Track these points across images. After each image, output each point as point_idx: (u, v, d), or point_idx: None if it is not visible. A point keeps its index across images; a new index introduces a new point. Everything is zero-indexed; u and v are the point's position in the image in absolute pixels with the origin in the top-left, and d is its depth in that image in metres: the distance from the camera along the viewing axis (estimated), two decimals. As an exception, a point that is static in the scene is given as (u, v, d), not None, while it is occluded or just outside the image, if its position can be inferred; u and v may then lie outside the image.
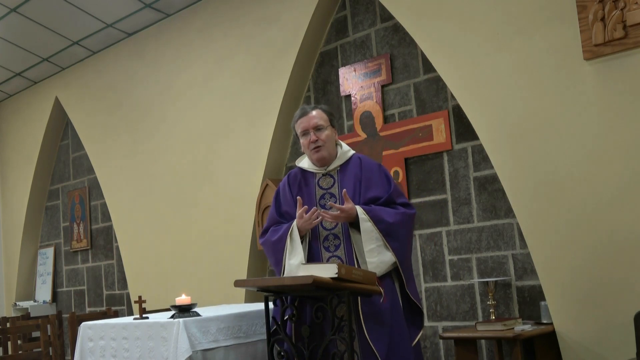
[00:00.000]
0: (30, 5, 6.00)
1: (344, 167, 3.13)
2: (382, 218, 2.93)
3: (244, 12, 5.49)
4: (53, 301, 7.64)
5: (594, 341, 3.51)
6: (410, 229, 3.05)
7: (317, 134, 3.07)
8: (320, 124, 3.09)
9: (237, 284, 2.96)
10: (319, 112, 3.13)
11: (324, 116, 3.13)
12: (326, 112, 3.16)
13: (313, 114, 3.11)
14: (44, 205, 7.95)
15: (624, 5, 3.39)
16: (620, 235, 3.42)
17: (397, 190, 3.08)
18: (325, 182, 3.13)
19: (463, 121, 4.20)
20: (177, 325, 2.98)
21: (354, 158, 3.16)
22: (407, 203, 3.08)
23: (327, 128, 3.11)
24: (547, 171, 3.70)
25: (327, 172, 3.13)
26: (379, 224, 2.91)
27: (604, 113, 3.49)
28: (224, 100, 5.61)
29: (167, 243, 6.05)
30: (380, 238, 2.90)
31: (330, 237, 3.01)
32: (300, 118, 3.14)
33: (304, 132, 3.11)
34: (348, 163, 3.14)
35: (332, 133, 3.14)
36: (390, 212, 2.97)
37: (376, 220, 2.91)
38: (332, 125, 3.17)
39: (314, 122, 3.09)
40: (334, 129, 3.17)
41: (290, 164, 5.30)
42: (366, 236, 2.90)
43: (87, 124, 7.11)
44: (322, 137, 3.08)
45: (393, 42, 4.64)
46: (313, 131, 3.08)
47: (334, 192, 3.07)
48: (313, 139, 3.07)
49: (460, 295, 4.23)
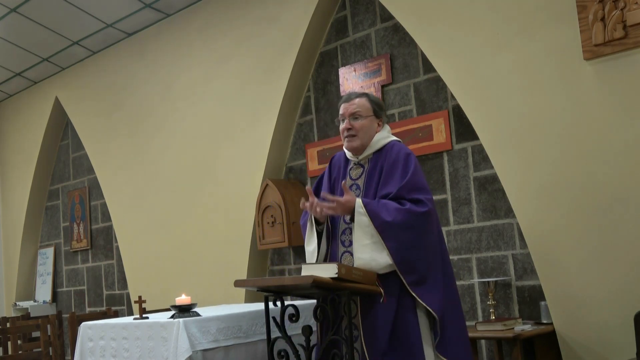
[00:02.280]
0: (30, 5, 6.00)
1: (377, 155, 2.98)
2: (378, 214, 2.72)
3: (244, 12, 5.49)
4: (53, 301, 7.64)
5: (594, 341, 3.51)
6: (418, 228, 2.76)
7: (353, 122, 2.96)
8: (358, 112, 2.96)
9: (237, 284, 2.96)
10: (362, 100, 3.00)
11: (366, 105, 2.99)
12: (372, 101, 3.02)
13: (354, 101, 2.99)
14: (44, 205, 7.95)
15: (624, 5, 3.39)
16: (620, 235, 3.42)
17: (410, 184, 2.80)
18: (355, 172, 3.01)
19: (463, 121, 4.20)
20: (177, 325, 2.98)
21: (388, 146, 2.97)
22: (419, 199, 2.77)
23: (366, 117, 2.96)
24: (547, 171, 3.70)
25: (358, 162, 3.02)
26: (375, 220, 2.72)
27: (604, 113, 3.49)
28: (224, 100, 5.61)
29: (167, 243, 6.05)
30: (376, 234, 2.72)
31: (347, 232, 2.90)
32: (342, 103, 3.03)
33: (341, 117, 3.01)
34: (381, 151, 2.97)
35: (371, 124, 2.97)
36: (391, 208, 2.73)
37: (373, 215, 2.72)
38: (377, 115, 3.00)
39: (351, 109, 2.97)
40: (377, 120, 3.01)
41: (290, 164, 5.31)
42: (360, 231, 2.74)
43: (87, 124, 7.11)
44: (357, 125, 2.95)
45: (393, 42, 4.64)
46: (349, 118, 2.97)
47: (360, 184, 2.97)
48: (347, 126, 2.97)
49: (460, 295, 4.22)
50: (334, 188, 3.07)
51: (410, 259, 2.74)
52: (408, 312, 2.76)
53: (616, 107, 3.45)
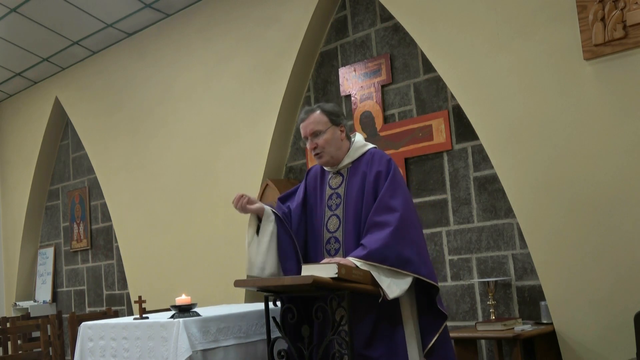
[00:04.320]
0: (30, 5, 6.00)
1: (356, 163, 2.99)
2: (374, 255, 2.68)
3: (244, 12, 5.49)
4: (53, 301, 7.64)
5: (594, 341, 3.51)
6: (403, 237, 2.74)
7: (315, 140, 2.95)
8: (317, 130, 2.95)
9: (237, 284, 2.95)
10: (316, 115, 2.98)
11: (322, 119, 2.97)
12: (326, 112, 3.00)
13: (310, 120, 2.98)
14: (44, 205, 7.95)
15: (624, 5, 3.39)
16: (620, 235, 3.42)
17: (379, 206, 2.79)
18: (335, 181, 3.02)
19: (463, 121, 4.20)
20: (177, 325, 2.98)
21: (368, 154, 2.98)
22: (384, 223, 2.74)
23: (326, 131, 2.95)
24: (547, 171, 3.70)
25: (337, 171, 3.03)
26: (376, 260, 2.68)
27: (604, 113, 3.49)
28: (224, 100, 5.61)
29: (167, 243, 6.05)
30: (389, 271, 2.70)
31: (332, 241, 2.93)
32: (300, 123, 3.03)
33: (304, 138, 3.02)
34: (361, 159, 2.98)
35: (333, 134, 2.97)
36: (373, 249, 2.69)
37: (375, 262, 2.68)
38: (335, 124, 2.99)
39: (310, 129, 2.97)
40: (338, 127, 2.99)
41: (290, 164, 5.31)
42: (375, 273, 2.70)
43: (87, 124, 7.11)
44: (321, 142, 2.94)
45: (393, 42, 4.64)
46: (311, 138, 2.97)
47: (340, 192, 2.98)
48: (312, 146, 2.97)
49: (460, 295, 4.23)
50: (306, 202, 3.07)
51: (395, 257, 2.74)
52: (390, 306, 2.78)
53: (616, 107, 3.45)
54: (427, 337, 2.81)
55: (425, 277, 2.74)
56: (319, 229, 2.98)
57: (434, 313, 2.83)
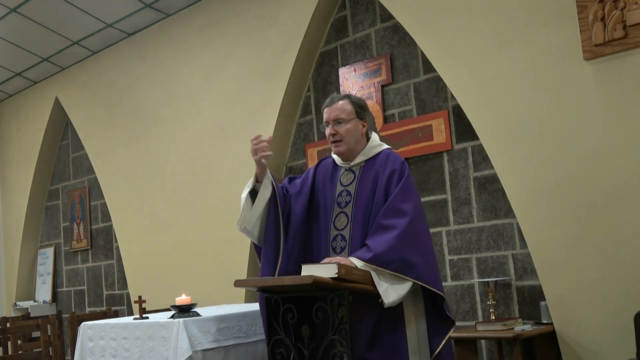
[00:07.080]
0: (30, 5, 6.00)
1: (370, 162, 2.95)
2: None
3: (243, 12, 5.49)
4: (53, 301, 7.64)
5: (594, 341, 3.51)
6: (410, 242, 2.71)
7: (337, 127, 2.92)
8: (341, 117, 2.92)
9: (237, 284, 2.95)
10: (344, 103, 2.95)
11: (348, 108, 2.93)
12: (354, 103, 2.97)
13: (337, 105, 2.95)
14: (44, 205, 7.95)
15: (624, 5, 3.39)
16: (620, 235, 3.42)
17: (389, 208, 2.75)
18: (346, 178, 2.98)
19: (463, 121, 4.20)
20: (177, 325, 2.98)
21: (382, 154, 2.94)
22: (393, 226, 2.71)
23: (349, 121, 2.92)
24: (547, 171, 3.70)
25: (349, 168, 2.99)
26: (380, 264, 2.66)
27: (604, 113, 3.49)
28: (224, 100, 5.61)
29: (167, 243, 6.05)
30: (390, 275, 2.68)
31: (339, 238, 2.89)
32: (325, 107, 2.99)
33: (325, 123, 2.98)
34: (375, 159, 2.94)
35: (355, 126, 2.93)
36: (379, 252, 2.66)
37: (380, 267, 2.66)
38: (360, 117, 2.94)
39: (334, 115, 2.93)
40: (361, 121, 2.96)
41: (290, 164, 5.31)
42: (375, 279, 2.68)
43: (87, 124, 7.11)
44: (342, 131, 2.91)
45: (393, 42, 4.64)
46: (332, 124, 2.93)
47: (351, 190, 2.93)
48: (332, 132, 2.93)
49: (460, 295, 4.23)
50: (312, 194, 3.03)
51: (399, 262, 2.71)
52: (393, 306, 2.73)
53: (616, 107, 3.45)
54: (434, 339, 2.77)
55: (428, 285, 2.69)
56: (326, 225, 2.94)
57: (443, 317, 2.79)
